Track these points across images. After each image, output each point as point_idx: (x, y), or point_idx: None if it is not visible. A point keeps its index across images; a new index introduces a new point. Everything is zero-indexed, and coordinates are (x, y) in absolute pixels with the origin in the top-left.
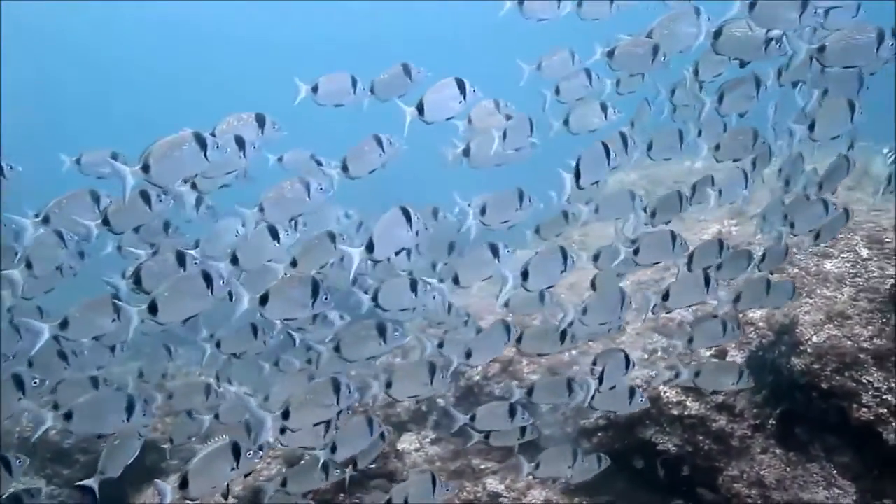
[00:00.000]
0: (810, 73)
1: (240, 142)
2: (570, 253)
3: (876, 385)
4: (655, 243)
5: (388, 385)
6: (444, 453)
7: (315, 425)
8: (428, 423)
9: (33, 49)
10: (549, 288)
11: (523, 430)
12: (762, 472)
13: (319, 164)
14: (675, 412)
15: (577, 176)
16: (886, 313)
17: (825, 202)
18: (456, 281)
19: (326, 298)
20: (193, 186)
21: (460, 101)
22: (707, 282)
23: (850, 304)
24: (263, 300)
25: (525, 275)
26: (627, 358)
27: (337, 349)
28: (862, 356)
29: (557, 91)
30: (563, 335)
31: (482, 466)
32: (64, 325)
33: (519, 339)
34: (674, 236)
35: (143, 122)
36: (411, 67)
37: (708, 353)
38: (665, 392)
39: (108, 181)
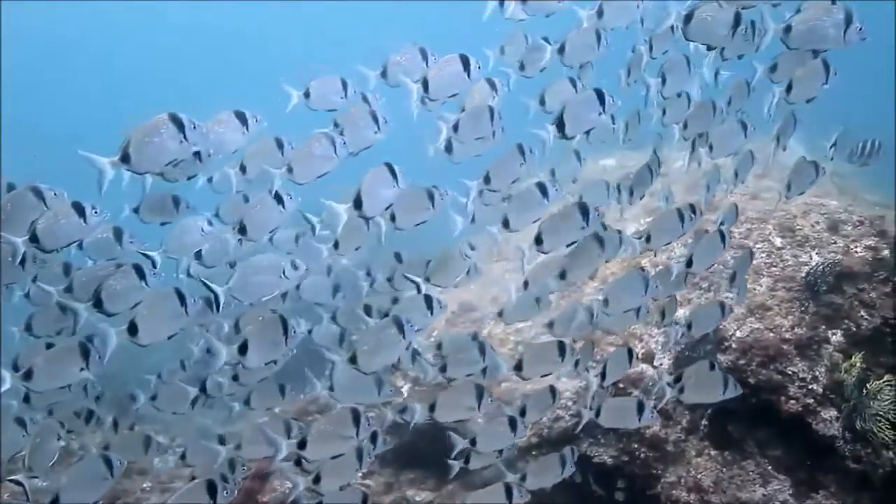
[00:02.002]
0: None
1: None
2: (590, 208)
3: (801, 376)
4: (665, 225)
5: (432, 409)
6: (376, 486)
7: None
8: None
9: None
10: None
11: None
12: (699, 476)
13: (281, 146)
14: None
15: (561, 126)
16: (804, 301)
17: (816, 163)
18: (506, 224)
19: (295, 332)
20: (162, 176)
21: (465, 79)
22: (723, 239)
23: (769, 295)
24: (242, 349)
25: (539, 240)
26: (630, 351)
27: (353, 360)
28: (785, 347)
29: (522, 67)
30: (561, 350)
31: (417, 498)
32: (28, 375)
33: (518, 367)
34: (681, 214)
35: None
36: (428, 52)
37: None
38: None
39: None
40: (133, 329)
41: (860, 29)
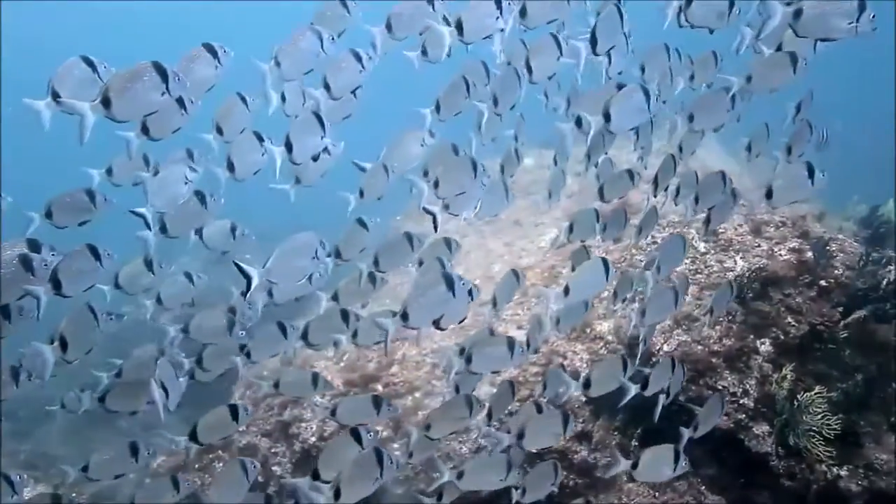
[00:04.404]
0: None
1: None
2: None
3: (732, 390)
4: (710, 188)
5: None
6: None
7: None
8: None
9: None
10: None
11: None
12: (632, 503)
13: (245, 101)
14: (534, 449)
15: (594, 43)
16: (731, 310)
17: (810, 122)
18: (579, 123)
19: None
20: (145, 131)
21: (497, 18)
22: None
23: (695, 305)
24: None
25: (607, 116)
26: (674, 363)
27: (355, 336)
28: (714, 360)
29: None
30: (624, 364)
31: None
32: None
33: (587, 385)
34: (724, 176)
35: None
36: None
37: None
38: None
39: None
40: (63, 345)
41: (873, 18)
